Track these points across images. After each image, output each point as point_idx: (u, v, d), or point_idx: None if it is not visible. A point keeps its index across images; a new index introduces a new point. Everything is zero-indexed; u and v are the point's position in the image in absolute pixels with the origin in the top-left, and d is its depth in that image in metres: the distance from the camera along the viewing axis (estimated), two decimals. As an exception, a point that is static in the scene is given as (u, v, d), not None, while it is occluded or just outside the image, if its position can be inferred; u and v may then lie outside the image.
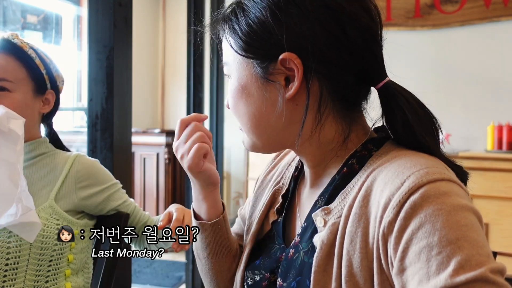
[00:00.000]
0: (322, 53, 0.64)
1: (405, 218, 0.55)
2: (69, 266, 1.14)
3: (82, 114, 4.02)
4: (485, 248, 0.53)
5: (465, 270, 0.50)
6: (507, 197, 3.03)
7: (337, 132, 0.69)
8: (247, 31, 0.66)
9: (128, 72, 1.90)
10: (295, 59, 0.64)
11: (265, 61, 0.66)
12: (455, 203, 0.56)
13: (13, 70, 1.10)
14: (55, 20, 3.88)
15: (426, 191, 0.56)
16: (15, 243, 1.07)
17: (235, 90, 0.70)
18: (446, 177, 0.58)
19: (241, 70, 0.68)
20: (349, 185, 0.66)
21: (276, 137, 0.70)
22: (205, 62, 3.57)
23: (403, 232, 0.55)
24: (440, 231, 0.53)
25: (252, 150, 0.74)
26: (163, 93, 4.85)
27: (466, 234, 0.53)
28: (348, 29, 0.64)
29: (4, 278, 1.06)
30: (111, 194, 1.23)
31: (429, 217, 0.54)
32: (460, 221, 0.54)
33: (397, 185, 0.58)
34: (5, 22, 3.27)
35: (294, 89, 0.65)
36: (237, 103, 0.70)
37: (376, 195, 0.61)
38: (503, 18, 3.54)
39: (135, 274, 3.26)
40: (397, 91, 0.68)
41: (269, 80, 0.66)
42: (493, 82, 3.59)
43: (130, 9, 1.91)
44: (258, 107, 0.68)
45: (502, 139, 3.26)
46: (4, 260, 1.06)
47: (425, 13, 3.73)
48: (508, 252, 3.04)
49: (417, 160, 0.62)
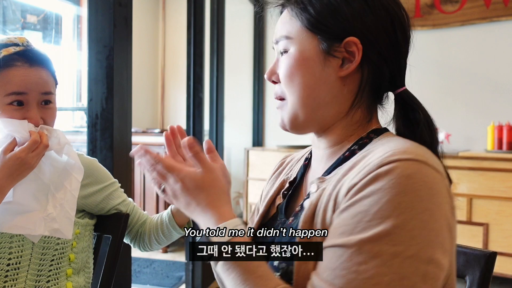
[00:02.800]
0: (378, 45, 0.73)
1: (364, 183, 0.62)
2: (70, 266, 1.14)
3: (82, 114, 4.01)
4: (416, 238, 0.58)
5: (379, 242, 0.58)
6: (507, 197, 3.03)
7: (362, 116, 0.77)
8: (319, 10, 0.73)
9: (128, 72, 1.90)
10: (358, 44, 0.72)
11: (331, 40, 0.73)
12: (412, 186, 0.60)
13: (52, 83, 1.11)
14: (55, 20, 3.88)
15: (393, 167, 0.61)
16: (17, 243, 1.07)
17: (295, 61, 0.75)
18: (420, 159, 0.62)
19: (306, 44, 0.75)
20: (346, 163, 0.72)
21: (318, 112, 0.76)
22: (205, 62, 3.57)
23: (357, 193, 0.62)
24: (382, 205, 0.59)
25: (290, 124, 0.78)
26: (163, 93, 4.84)
27: (403, 217, 0.58)
28: (398, 33, 0.75)
29: (5, 278, 1.06)
30: (110, 193, 1.23)
31: (381, 190, 0.60)
32: (403, 204, 0.59)
33: (375, 157, 0.65)
34: (5, 22, 3.27)
35: (349, 69, 0.73)
36: (294, 73, 0.76)
37: (359, 165, 0.68)
38: (503, 18, 3.54)
39: (135, 274, 3.26)
40: (413, 101, 0.76)
41: (331, 55, 0.74)
42: (493, 82, 3.59)
43: (130, 9, 1.91)
44: (313, 79, 0.75)
45: (502, 139, 3.26)
46: (6, 260, 1.06)
47: (425, 13, 3.73)
48: (508, 252, 3.04)
49: (404, 142, 0.68)
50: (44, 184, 1.07)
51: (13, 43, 1.07)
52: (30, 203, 1.05)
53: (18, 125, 1.02)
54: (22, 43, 1.08)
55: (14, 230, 1.03)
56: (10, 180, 1.00)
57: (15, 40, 1.08)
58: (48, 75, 1.09)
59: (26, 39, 1.10)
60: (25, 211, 1.04)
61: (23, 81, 1.04)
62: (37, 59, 1.08)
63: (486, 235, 3.11)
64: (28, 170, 1.02)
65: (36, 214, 1.05)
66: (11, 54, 1.05)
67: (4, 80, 1.04)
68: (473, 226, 3.15)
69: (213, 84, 3.76)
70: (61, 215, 1.07)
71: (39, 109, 1.07)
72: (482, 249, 0.92)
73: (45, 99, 1.08)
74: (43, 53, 1.11)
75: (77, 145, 3.30)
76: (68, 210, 1.09)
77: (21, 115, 1.04)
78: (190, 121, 3.47)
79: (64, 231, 1.07)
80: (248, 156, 3.93)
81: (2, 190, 1.00)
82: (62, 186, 1.09)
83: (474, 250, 0.91)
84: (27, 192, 1.05)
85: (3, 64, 1.04)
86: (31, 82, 1.05)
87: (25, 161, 1.00)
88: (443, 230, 0.60)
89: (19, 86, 1.04)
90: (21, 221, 1.03)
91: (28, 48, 1.08)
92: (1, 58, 1.04)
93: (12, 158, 1.00)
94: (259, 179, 3.85)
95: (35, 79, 1.05)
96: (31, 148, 1.01)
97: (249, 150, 3.93)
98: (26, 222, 1.03)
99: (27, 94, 1.04)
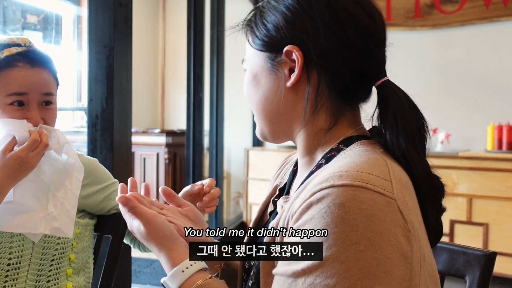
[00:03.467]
0: (321, 47, 0.70)
1: (299, 213, 0.62)
2: (70, 266, 1.14)
3: (82, 114, 4.01)
4: (351, 270, 0.56)
5: (312, 274, 0.57)
6: (507, 197, 3.03)
7: (325, 122, 0.75)
8: (262, 29, 0.76)
9: (128, 72, 1.90)
10: (297, 51, 0.71)
11: (273, 53, 0.74)
12: (344, 215, 0.57)
13: (53, 83, 1.11)
14: (55, 20, 3.88)
15: (324, 194, 0.59)
16: (17, 243, 1.07)
17: (248, 80, 0.80)
18: (357, 184, 0.59)
19: (254, 62, 0.78)
20: (309, 179, 0.70)
21: (278, 124, 0.78)
22: (205, 62, 3.57)
23: (295, 222, 0.62)
24: (310, 236, 0.59)
25: (261, 137, 0.82)
26: (163, 93, 4.85)
27: (335, 248, 0.57)
28: (347, 28, 0.71)
29: (5, 279, 1.06)
30: (111, 193, 1.23)
31: (312, 220, 0.59)
32: (335, 235, 0.57)
33: (317, 179, 0.63)
34: (5, 22, 3.27)
35: (294, 78, 0.72)
36: (249, 90, 0.80)
37: (309, 186, 0.65)
38: (503, 18, 3.54)
39: (135, 274, 3.25)
40: (393, 91, 0.72)
41: (275, 69, 0.75)
42: (493, 82, 3.59)
43: (130, 9, 1.91)
44: (264, 93, 0.77)
45: (502, 139, 3.26)
46: (6, 260, 1.06)
47: (425, 13, 3.73)
48: (508, 252, 3.04)
49: (353, 159, 0.65)
50: (44, 183, 1.07)
51: (15, 44, 1.07)
52: (30, 203, 1.05)
53: (17, 124, 1.02)
54: (24, 43, 1.08)
55: (15, 229, 1.03)
56: (11, 180, 1.00)
57: (18, 40, 1.08)
58: (49, 76, 1.09)
59: (29, 40, 1.10)
60: (26, 210, 1.04)
61: (24, 82, 1.04)
62: (39, 59, 1.08)
63: (486, 235, 3.11)
64: (29, 169, 1.02)
65: (36, 214, 1.05)
66: (13, 54, 1.05)
67: (5, 81, 1.04)
68: (473, 226, 3.15)
69: (213, 84, 3.76)
70: (62, 214, 1.07)
71: (39, 110, 1.07)
72: (482, 249, 0.92)
73: (45, 100, 1.08)
74: (45, 54, 1.11)
75: (77, 145, 3.30)
76: (69, 209, 1.09)
77: (22, 115, 1.04)
78: (190, 121, 3.47)
79: (65, 230, 1.07)
80: (248, 156, 3.93)
81: (3, 189, 1.00)
82: (63, 185, 1.09)
83: (474, 250, 0.91)
84: (27, 191, 1.05)
85: (5, 64, 1.04)
86: (32, 82, 1.05)
87: (26, 161, 1.00)
88: (388, 258, 0.56)
89: (20, 87, 1.04)
90: (22, 220, 1.03)
91: (30, 48, 1.08)
92: (3, 58, 1.04)
93: (13, 157, 0.99)
94: (259, 179, 3.85)
95: (36, 80, 1.05)
96: (31, 147, 1.01)
97: (249, 150, 3.93)
98: (26, 221, 1.03)
99: (28, 94, 1.04)
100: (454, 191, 3.12)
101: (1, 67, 1.04)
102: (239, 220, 4.16)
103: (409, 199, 0.62)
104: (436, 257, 0.92)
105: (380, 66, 0.74)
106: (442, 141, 3.45)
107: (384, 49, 0.75)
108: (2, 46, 1.07)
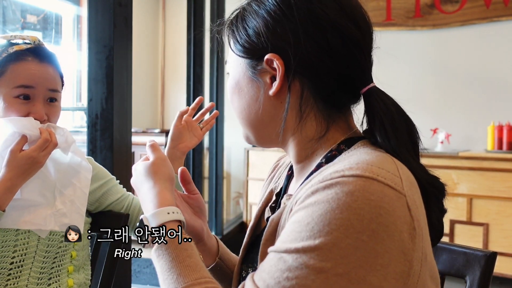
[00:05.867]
0: (302, 56, 0.69)
1: (305, 196, 0.61)
2: (71, 263, 1.15)
3: (82, 114, 4.01)
4: (349, 257, 0.55)
5: (305, 255, 0.56)
6: (507, 197, 3.03)
7: (316, 130, 0.73)
8: (243, 34, 0.75)
9: (128, 72, 1.90)
10: (278, 60, 0.70)
11: (254, 61, 0.73)
12: (351, 204, 0.56)
13: (59, 81, 1.13)
14: (55, 20, 3.87)
15: (334, 182, 0.59)
16: (23, 240, 1.08)
17: (230, 86, 0.78)
18: (368, 175, 0.58)
19: (237, 68, 0.76)
20: (311, 177, 0.69)
21: (263, 131, 0.77)
22: (205, 62, 3.57)
23: (298, 205, 0.61)
24: (314, 219, 0.57)
25: (247, 142, 0.82)
26: (163, 93, 4.84)
27: (336, 234, 0.56)
28: (329, 37, 0.69)
29: (8, 277, 1.06)
30: (109, 189, 1.25)
31: (316, 203, 0.58)
32: (338, 221, 0.56)
33: (322, 176, 0.62)
34: (5, 22, 3.27)
35: (276, 86, 0.71)
36: (231, 97, 0.79)
37: (314, 179, 0.65)
38: (503, 18, 3.54)
39: (135, 274, 3.25)
40: (379, 98, 0.71)
41: (256, 77, 0.73)
42: (493, 82, 3.59)
43: (130, 9, 1.91)
44: (247, 101, 0.76)
45: (502, 139, 3.26)
46: (9, 258, 1.06)
47: (425, 13, 3.73)
48: (508, 252, 3.04)
49: (361, 157, 0.64)
50: (50, 181, 1.09)
51: (25, 41, 1.11)
52: (36, 199, 1.07)
53: (27, 122, 1.04)
54: (34, 41, 1.12)
55: (24, 226, 1.05)
56: (22, 179, 1.02)
57: (28, 38, 1.12)
58: (56, 74, 1.12)
59: (38, 38, 1.14)
60: (32, 205, 1.06)
61: (32, 75, 1.06)
62: (47, 56, 1.11)
63: (486, 235, 3.11)
64: (38, 168, 1.04)
65: (44, 210, 1.07)
66: (23, 50, 1.08)
67: (14, 73, 1.06)
68: (473, 226, 3.15)
69: (213, 84, 3.76)
70: (72, 211, 1.10)
71: (44, 105, 1.09)
72: (482, 249, 0.92)
73: (51, 96, 1.10)
74: (53, 53, 1.14)
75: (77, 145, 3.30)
76: (79, 205, 1.11)
77: (27, 109, 1.06)
78: (190, 121, 3.46)
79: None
80: (248, 156, 3.93)
81: (14, 188, 1.01)
82: (70, 184, 1.11)
83: (474, 250, 0.91)
84: (33, 189, 1.06)
85: (15, 58, 1.06)
86: (39, 76, 1.07)
87: (37, 160, 1.02)
88: (387, 252, 0.56)
89: (28, 80, 1.06)
90: (31, 217, 1.05)
91: (39, 46, 1.12)
92: (13, 53, 1.07)
93: (24, 157, 1.01)
94: (259, 179, 3.85)
95: (44, 75, 1.08)
96: (42, 147, 1.03)
97: (249, 150, 3.93)
98: (35, 217, 1.05)
99: (35, 88, 1.06)
100: (454, 191, 3.12)
101: (11, 61, 1.06)
102: (239, 220, 4.16)
103: (417, 198, 0.61)
104: (436, 257, 0.92)
105: (365, 73, 0.72)
106: (442, 141, 3.45)
107: (370, 55, 0.73)
108: (12, 42, 1.10)
